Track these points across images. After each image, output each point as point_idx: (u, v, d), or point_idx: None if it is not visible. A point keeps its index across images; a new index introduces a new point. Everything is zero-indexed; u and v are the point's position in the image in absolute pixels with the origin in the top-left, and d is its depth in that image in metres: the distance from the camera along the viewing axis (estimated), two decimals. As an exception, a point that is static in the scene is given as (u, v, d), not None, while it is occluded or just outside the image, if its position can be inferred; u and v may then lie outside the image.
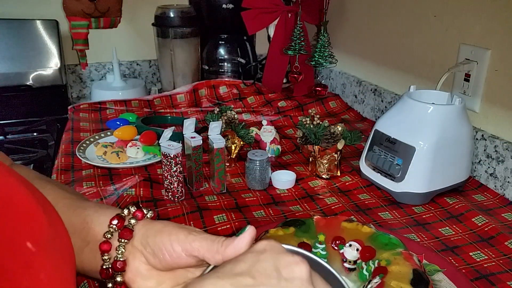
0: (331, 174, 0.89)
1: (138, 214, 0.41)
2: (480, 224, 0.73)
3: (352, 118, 1.24)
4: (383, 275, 0.50)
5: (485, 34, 0.86)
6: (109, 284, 0.40)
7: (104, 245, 0.39)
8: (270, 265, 0.33)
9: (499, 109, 0.85)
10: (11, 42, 1.26)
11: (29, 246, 0.26)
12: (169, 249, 0.38)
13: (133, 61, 1.52)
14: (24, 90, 1.28)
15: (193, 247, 0.37)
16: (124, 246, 0.39)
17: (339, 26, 1.35)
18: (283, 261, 0.33)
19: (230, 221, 0.73)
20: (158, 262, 0.39)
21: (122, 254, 0.39)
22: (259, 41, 1.51)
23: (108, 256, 0.40)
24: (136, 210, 0.41)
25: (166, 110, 1.25)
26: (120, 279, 0.40)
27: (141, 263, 0.40)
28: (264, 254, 0.34)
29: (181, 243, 0.37)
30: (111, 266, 0.40)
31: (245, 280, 0.32)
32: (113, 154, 0.92)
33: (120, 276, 0.40)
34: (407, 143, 0.78)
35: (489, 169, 0.85)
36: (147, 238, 0.39)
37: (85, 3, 1.26)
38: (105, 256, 0.39)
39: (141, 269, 0.40)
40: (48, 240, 0.29)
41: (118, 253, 0.39)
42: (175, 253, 0.38)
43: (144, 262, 0.40)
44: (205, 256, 0.37)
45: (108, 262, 0.40)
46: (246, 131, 0.94)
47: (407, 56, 1.09)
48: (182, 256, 0.37)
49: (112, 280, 0.40)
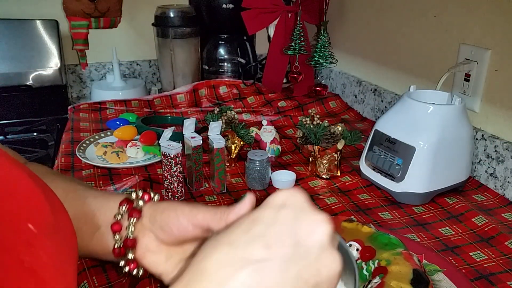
0: (331, 174, 0.89)
1: (145, 197, 0.44)
2: (480, 224, 0.73)
3: (352, 118, 1.24)
4: (383, 275, 0.50)
5: (485, 34, 0.86)
6: (121, 262, 0.43)
7: (115, 225, 0.42)
8: (287, 228, 0.30)
9: (499, 109, 0.85)
10: (11, 42, 1.26)
11: (30, 227, 0.28)
12: (176, 222, 0.40)
13: (133, 61, 1.52)
14: (24, 90, 1.28)
15: (198, 218, 0.39)
16: (134, 225, 0.42)
17: (339, 26, 1.35)
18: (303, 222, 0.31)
19: (230, 221, 0.73)
20: (166, 237, 0.41)
21: (132, 233, 0.42)
22: (259, 41, 1.51)
23: (119, 236, 0.42)
24: (143, 193, 0.44)
25: (166, 110, 1.25)
26: (131, 256, 0.42)
27: (150, 240, 0.42)
28: (283, 211, 0.31)
29: (186, 216, 0.40)
30: (122, 244, 0.42)
31: (257, 252, 0.29)
32: (113, 154, 0.92)
33: (131, 253, 0.42)
34: (407, 143, 0.78)
35: (489, 169, 0.85)
36: (155, 215, 0.42)
37: (85, 3, 1.26)
38: (116, 236, 0.42)
39: (150, 245, 0.42)
40: (50, 226, 0.30)
41: (128, 232, 0.42)
42: (181, 226, 0.40)
43: (153, 239, 0.42)
44: (210, 224, 0.38)
45: (119, 242, 0.42)
46: (246, 131, 0.94)
47: (407, 56, 1.09)
48: (188, 228, 0.39)
49: (124, 258, 0.43)
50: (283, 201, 0.32)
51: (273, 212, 0.32)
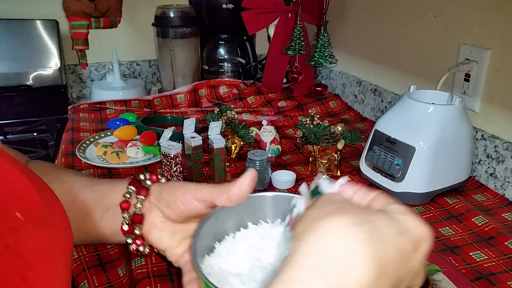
0: (331, 174, 0.89)
1: (153, 177, 0.47)
2: (480, 224, 0.73)
3: (352, 118, 1.24)
4: (383, 275, 0.50)
5: (485, 34, 0.86)
6: (129, 239, 0.45)
7: (124, 204, 0.45)
8: None
9: (499, 109, 0.85)
10: (11, 42, 1.26)
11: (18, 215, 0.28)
12: (181, 197, 0.43)
13: (133, 61, 1.52)
14: (24, 90, 1.28)
15: (202, 193, 0.42)
16: (142, 202, 0.45)
17: (339, 26, 1.35)
18: None
19: (230, 221, 0.73)
20: (172, 212, 0.44)
21: (139, 209, 0.45)
22: (259, 41, 1.51)
23: (127, 214, 0.45)
24: (150, 175, 0.47)
25: (166, 110, 1.25)
26: (139, 232, 0.45)
27: (156, 216, 0.45)
28: None
29: (191, 192, 0.43)
30: (131, 221, 0.45)
31: None
32: (113, 154, 0.92)
33: (138, 229, 0.45)
34: (407, 143, 0.78)
35: (489, 169, 0.85)
36: (162, 193, 0.45)
37: (85, 3, 1.26)
38: (125, 214, 0.45)
39: (156, 221, 0.45)
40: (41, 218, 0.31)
41: (136, 209, 0.45)
42: (186, 201, 0.43)
43: (159, 216, 0.45)
44: (213, 198, 0.42)
45: (128, 219, 0.45)
46: (246, 131, 0.94)
47: (407, 56, 1.09)
48: (193, 203, 0.42)
49: (132, 235, 0.45)
50: None
51: None
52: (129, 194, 0.46)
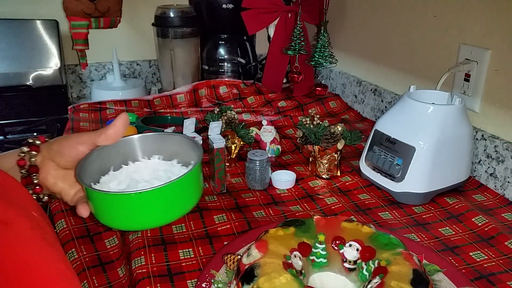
0: (331, 174, 0.89)
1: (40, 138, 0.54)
2: (480, 224, 0.73)
3: (352, 118, 1.24)
4: (383, 275, 0.50)
5: (485, 34, 0.86)
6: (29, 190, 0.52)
7: (20, 161, 0.51)
8: None
9: (499, 109, 0.85)
10: (11, 42, 1.26)
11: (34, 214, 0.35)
12: (66, 144, 0.51)
13: (133, 61, 1.52)
14: (24, 90, 1.28)
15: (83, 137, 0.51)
16: (35, 156, 0.52)
17: (339, 26, 1.35)
18: None
19: (230, 221, 0.73)
20: (62, 158, 0.52)
21: (34, 162, 0.51)
22: (259, 41, 1.51)
23: (24, 170, 0.51)
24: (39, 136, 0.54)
25: (166, 110, 1.25)
26: (36, 181, 0.52)
27: (49, 166, 0.52)
28: None
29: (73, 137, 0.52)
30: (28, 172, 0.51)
31: None
32: (113, 154, 0.92)
33: (36, 178, 0.52)
34: (407, 143, 0.78)
35: (489, 169, 0.85)
36: (51, 145, 0.52)
37: (85, 3, 1.26)
38: (23, 170, 0.51)
39: (50, 168, 0.52)
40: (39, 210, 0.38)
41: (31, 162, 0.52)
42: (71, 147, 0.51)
43: (52, 165, 0.52)
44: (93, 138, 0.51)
45: (25, 173, 0.51)
46: (246, 131, 0.94)
47: (407, 56, 1.09)
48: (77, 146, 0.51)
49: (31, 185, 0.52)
50: None
51: None
52: (22, 153, 0.52)
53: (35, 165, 0.52)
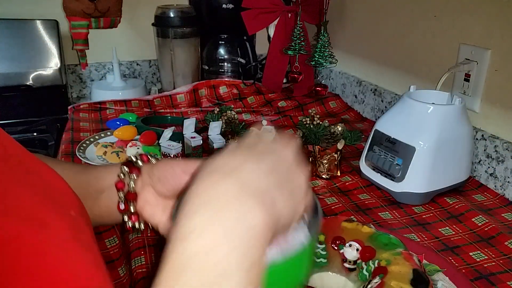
0: (331, 174, 0.89)
1: (144, 158, 0.49)
2: (480, 224, 0.73)
3: (352, 118, 1.24)
4: (383, 275, 0.50)
5: (485, 34, 0.86)
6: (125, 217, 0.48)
7: (119, 183, 0.47)
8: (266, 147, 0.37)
9: (499, 109, 0.85)
10: (11, 42, 1.26)
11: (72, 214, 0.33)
12: (171, 172, 0.45)
13: (133, 61, 1.52)
14: (24, 90, 1.28)
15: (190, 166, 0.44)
16: (134, 181, 0.47)
17: (339, 26, 1.35)
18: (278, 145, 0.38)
19: (230, 221, 0.72)
20: (163, 187, 0.46)
21: (133, 188, 0.47)
22: (259, 41, 1.51)
23: (122, 193, 0.47)
24: (141, 155, 0.50)
25: (166, 110, 1.25)
26: (133, 209, 0.48)
27: (149, 194, 0.48)
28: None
29: (180, 166, 0.45)
30: (125, 199, 0.47)
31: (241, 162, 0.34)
32: (113, 154, 0.92)
33: (133, 206, 0.47)
34: (407, 143, 0.78)
35: (489, 169, 0.85)
36: (153, 170, 0.47)
37: (85, 3, 1.26)
38: (120, 194, 0.47)
39: (149, 198, 0.48)
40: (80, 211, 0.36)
41: (130, 187, 0.47)
42: (175, 175, 0.45)
43: (152, 192, 0.47)
44: None
45: (123, 198, 0.47)
46: (246, 131, 0.94)
47: (407, 56, 1.09)
48: (182, 176, 0.44)
49: (127, 212, 0.48)
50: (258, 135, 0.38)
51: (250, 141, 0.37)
52: (123, 174, 0.48)
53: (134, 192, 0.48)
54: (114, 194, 0.48)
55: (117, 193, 0.48)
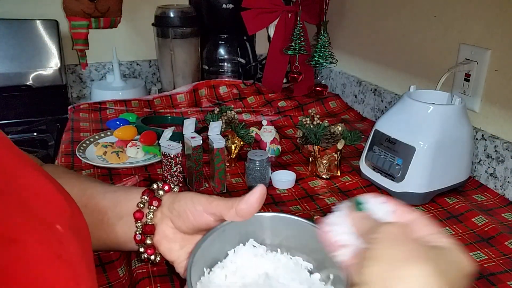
0: (331, 174, 0.89)
1: (165, 187, 0.48)
2: (480, 224, 0.73)
3: (352, 118, 1.24)
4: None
5: (485, 34, 0.86)
6: (141, 248, 0.47)
7: (137, 213, 0.46)
8: None
9: (499, 109, 0.85)
10: (11, 42, 1.26)
11: (58, 227, 0.31)
12: (192, 209, 0.44)
13: (133, 61, 1.52)
14: (24, 90, 1.28)
15: (212, 206, 0.43)
16: (153, 212, 0.46)
17: (339, 26, 1.35)
18: None
19: (230, 221, 0.73)
20: (183, 223, 0.45)
21: (151, 219, 0.46)
22: (259, 41, 1.51)
23: (140, 224, 0.46)
24: (163, 184, 0.48)
25: (166, 110, 1.25)
26: (150, 242, 0.46)
27: (167, 227, 0.46)
28: None
29: (202, 204, 0.44)
30: (142, 230, 0.46)
31: None
32: (113, 154, 0.92)
33: (150, 239, 0.46)
34: (407, 143, 0.78)
35: (489, 169, 0.85)
36: (173, 204, 0.45)
37: (85, 3, 1.26)
38: (138, 224, 0.46)
39: (167, 232, 0.46)
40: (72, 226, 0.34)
41: (148, 219, 0.46)
42: (197, 212, 0.43)
43: (170, 226, 0.46)
44: (222, 212, 0.42)
45: (140, 228, 0.46)
46: (246, 131, 0.94)
47: (407, 56, 1.09)
48: (203, 215, 0.43)
49: (144, 244, 0.46)
50: None
51: None
52: (142, 204, 0.47)
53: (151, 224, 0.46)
54: (132, 223, 0.47)
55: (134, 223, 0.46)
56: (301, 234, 0.43)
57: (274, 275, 0.41)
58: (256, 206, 0.42)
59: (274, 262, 0.42)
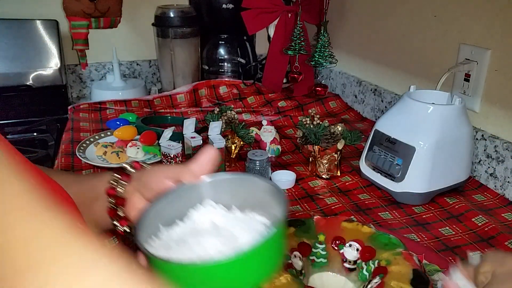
0: (331, 174, 0.89)
1: (136, 165, 0.51)
2: (480, 224, 0.73)
3: (352, 118, 1.24)
4: (383, 275, 0.50)
5: (485, 34, 0.86)
6: (115, 221, 0.49)
7: (110, 190, 0.49)
8: None
9: (499, 109, 0.85)
10: (11, 42, 1.26)
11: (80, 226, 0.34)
12: (154, 178, 0.47)
13: (133, 61, 1.52)
14: (24, 90, 1.28)
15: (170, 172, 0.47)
16: (124, 186, 0.49)
17: (339, 26, 1.35)
18: None
19: (230, 221, 0.72)
20: (149, 192, 0.48)
21: (122, 193, 0.49)
22: (259, 41, 1.51)
23: (113, 199, 0.49)
24: (134, 162, 0.51)
25: (166, 110, 1.25)
26: (121, 214, 0.49)
27: (137, 199, 0.49)
28: None
29: (162, 172, 0.48)
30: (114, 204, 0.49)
31: None
32: (113, 154, 0.92)
33: (121, 211, 0.49)
34: (407, 143, 0.78)
35: (489, 169, 0.85)
36: (141, 177, 0.49)
37: (85, 3, 1.26)
38: (111, 199, 0.48)
39: (137, 203, 0.49)
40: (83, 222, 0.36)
41: (119, 193, 0.49)
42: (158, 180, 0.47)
43: (140, 198, 0.49)
44: (179, 176, 0.46)
45: (113, 203, 0.49)
46: (246, 131, 0.94)
47: (407, 56, 1.09)
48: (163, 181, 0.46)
49: (117, 217, 0.49)
50: None
51: None
52: (114, 181, 0.49)
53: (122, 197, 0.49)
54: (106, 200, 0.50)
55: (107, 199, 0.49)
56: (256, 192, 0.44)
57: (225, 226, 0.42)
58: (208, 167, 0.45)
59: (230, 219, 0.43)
